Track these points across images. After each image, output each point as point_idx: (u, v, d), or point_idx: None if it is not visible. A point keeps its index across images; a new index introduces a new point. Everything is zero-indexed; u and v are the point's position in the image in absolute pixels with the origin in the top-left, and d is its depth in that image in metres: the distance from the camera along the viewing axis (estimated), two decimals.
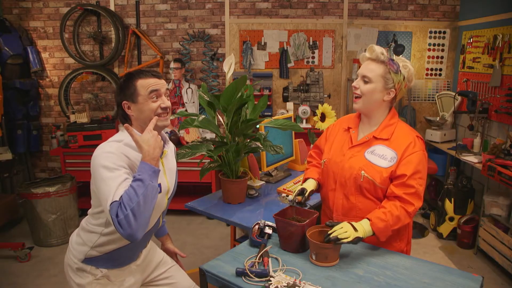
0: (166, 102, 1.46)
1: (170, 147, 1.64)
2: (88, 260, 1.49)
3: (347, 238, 1.42)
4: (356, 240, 1.45)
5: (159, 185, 1.39)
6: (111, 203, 1.26)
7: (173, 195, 1.64)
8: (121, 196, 1.26)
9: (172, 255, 1.90)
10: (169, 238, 1.92)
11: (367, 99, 1.61)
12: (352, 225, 1.47)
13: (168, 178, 1.56)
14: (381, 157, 1.59)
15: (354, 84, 1.64)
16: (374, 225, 1.49)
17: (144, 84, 1.43)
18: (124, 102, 1.45)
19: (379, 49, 1.59)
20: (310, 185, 1.76)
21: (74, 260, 1.50)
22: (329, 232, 1.44)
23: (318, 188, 1.81)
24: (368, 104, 1.62)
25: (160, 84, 1.46)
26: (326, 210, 1.78)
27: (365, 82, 1.60)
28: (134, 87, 1.43)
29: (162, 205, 1.55)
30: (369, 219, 1.51)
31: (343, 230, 1.43)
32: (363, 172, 1.59)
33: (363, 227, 1.48)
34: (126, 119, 1.49)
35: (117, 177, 1.30)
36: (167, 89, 1.49)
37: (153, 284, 1.72)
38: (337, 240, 1.41)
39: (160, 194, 1.41)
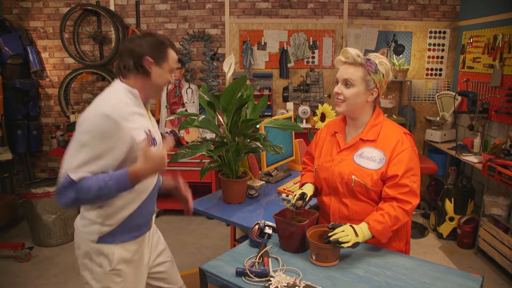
0: (173, 79, 1.53)
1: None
2: (102, 238, 1.44)
3: (347, 242, 1.41)
4: (355, 245, 1.45)
5: (154, 139, 1.44)
6: (67, 175, 1.28)
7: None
8: (81, 179, 1.28)
9: (173, 187, 1.71)
10: (175, 178, 1.78)
11: (351, 103, 1.59)
12: (354, 229, 1.46)
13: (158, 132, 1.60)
14: (370, 159, 1.58)
15: (336, 90, 1.61)
16: (373, 228, 1.49)
17: (174, 57, 1.49)
18: (148, 57, 1.42)
19: (354, 51, 1.56)
20: (309, 190, 1.75)
21: (90, 245, 1.45)
22: (330, 234, 1.43)
23: (316, 192, 1.81)
24: (352, 107, 1.60)
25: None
26: (324, 215, 1.77)
27: (347, 86, 1.58)
28: (166, 53, 1.45)
29: None
30: (367, 223, 1.50)
31: (345, 234, 1.43)
32: (353, 176, 1.58)
33: (363, 231, 1.48)
34: (138, 70, 1.42)
35: (91, 150, 1.30)
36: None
37: (150, 276, 1.69)
38: (337, 243, 1.40)
39: (157, 146, 1.45)
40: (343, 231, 1.44)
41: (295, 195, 1.68)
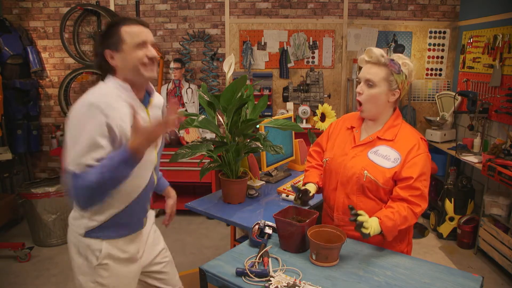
0: (152, 51, 1.38)
1: (157, 97, 1.57)
2: (89, 233, 1.45)
3: (366, 228, 1.42)
4: (366, 236, 1.44)
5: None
6: (71, 170, 1.24)
7: (162, 148, 1.63)
8: (86, 167, 1.24)
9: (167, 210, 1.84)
10: (172, 192, 1.85)
11: (373, 105, 1.59)
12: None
13: None
14: (385, 157, 1.59)
15: (358, 89, 1.61)
16: (383, 224, 1.48)
17: (129, 32, 1.35)
18: (107, 50, 1.36)
19: (378, 52, 1.55)
20: (311, 189, 1.76)
21: (77, 238, 1.46)
22: (358, 212, 1.43)
23: (319, 191, 1.82)
24: (374, 109, 1.61)
25: (145, 32, 1.38)
26: (328, 209, 1.78)
27: (369, 86, 1.58)
28: (118, 34, 1.34)
29: (152, 160, 1.51)
30: (378, 218, 1.50)
31: (366, 218, 1.44)
32: (366, 172, 1.58)
33: (373, 226, 1.47)
34: (107, 70, 1.41)
35: (86, 140, 1.26)
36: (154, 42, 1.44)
37: (147, 275, 1.69)
38: (359, 226, 1.41)
39: (149, 148, 1.34)
40: (366, 216, 1.45)
41: (298, 187, 1.71)
